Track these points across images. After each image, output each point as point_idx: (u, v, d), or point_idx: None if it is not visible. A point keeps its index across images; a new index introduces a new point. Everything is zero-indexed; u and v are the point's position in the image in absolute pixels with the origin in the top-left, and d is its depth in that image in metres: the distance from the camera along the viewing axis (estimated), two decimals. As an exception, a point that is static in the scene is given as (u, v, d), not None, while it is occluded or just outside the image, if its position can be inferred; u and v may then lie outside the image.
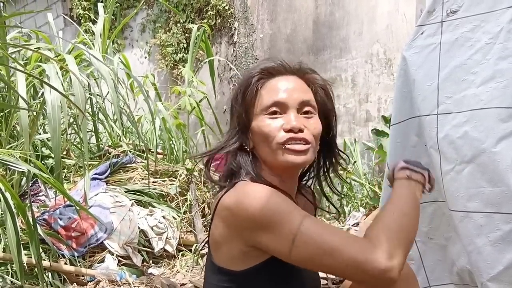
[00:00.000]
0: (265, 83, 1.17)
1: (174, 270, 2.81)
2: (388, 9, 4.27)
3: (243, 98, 1.17)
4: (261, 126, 1.13)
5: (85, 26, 5.14)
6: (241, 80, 1.22)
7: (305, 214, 1.02)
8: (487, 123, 1.35)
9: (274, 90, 1.15)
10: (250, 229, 1.04)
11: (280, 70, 1.18)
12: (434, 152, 1.47)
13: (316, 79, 1.22)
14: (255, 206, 1.01)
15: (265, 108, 1.14)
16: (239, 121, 1.18)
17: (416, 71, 1.52)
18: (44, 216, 2.82)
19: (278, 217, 1.00)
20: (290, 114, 1.13)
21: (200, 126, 4.20)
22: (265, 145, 1.14)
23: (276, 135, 1.12)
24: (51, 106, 2.36)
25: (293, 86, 1.16)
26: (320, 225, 1.02)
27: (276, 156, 1.12)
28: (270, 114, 1.14)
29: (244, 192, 1.06)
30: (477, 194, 1.37)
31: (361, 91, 4.44)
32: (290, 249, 1.00)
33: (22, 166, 2.12)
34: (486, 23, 1.40)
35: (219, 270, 1.13)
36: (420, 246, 1.66)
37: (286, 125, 1.12)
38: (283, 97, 1.14)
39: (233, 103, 1.21)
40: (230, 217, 1.07)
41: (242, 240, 1.07)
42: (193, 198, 3.23)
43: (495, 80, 1.36)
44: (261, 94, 1.16)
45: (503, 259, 1.33)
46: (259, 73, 1.17)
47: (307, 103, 1.15)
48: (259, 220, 1.01)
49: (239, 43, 5.37)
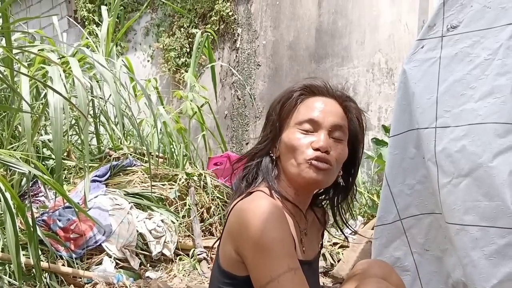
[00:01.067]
0: (305, 100, 1.21)
1: (171, 274, 2.81)
2: (391, 19, 4.30)
3: (281, 108, 1.21)
4: (292, 138, 1.17)
5: (89, 28, 5.17)
6: (283, 92, 1.25)
7: (292, 267, 1.03)
8: (485, 138, 1.37)
9: (312, 108, 1.19)
10: (242, 240, 1.06)
11: (322, 91, 1.22)
12: (432, 165, 1.49)
13: (353, 108, 1.25)
14: (256, 227, 1.03)
15: (299, 123, 1.18)
16: (272, 129, 1.22)
17: (415, 84, 1.55)
18: (43, 217, 2.83)
19: (269, 253, 1.03)
20: (321, 134, 1.16)
21: (201, 131, 4.21)
22: (291, 156, 1.17)
23: (304, 151, 1.15)
24: (53, 108, 2.37)
25: (330, 109, 1.19)
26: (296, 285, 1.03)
27: (299, 170, 1.15)
28: (302, 130, 1.17)
29: (255, 206, 1.07)
30: (473, 207, 1.39)
31: (362, 100, 4.45)
32: (260, 287, 1.04)
33: (23, 167, 2.13)
34: (486, 39, 1.43)
35: (224, 273, 1.16)
36: (416, 258, 1.67)
37: (315, 144, 1.15)
38: (319, 117, 1.17)
39: (271, 111, 1.24)
40: (234, 220, 1.10)
41: (234, 245, 1.10)
42: (192, 203, 3.24)
43: (493, 95, 1.38)
44: (298, 109, 1.19)
45: (498, 272, 1.35)
46: (301, 89, 1.21)
47: (339, 128, 1.19)
48: (252, 240, 1.04)
49: (242, 49, 5.40)
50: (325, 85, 1.22)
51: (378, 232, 1.71)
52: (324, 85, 1.22)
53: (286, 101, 1.21)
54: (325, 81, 1.24)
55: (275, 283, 1.01)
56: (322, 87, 1.22)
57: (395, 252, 1.70)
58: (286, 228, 1.07)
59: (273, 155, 1.21)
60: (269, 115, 1.25)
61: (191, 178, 3.37)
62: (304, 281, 1.06)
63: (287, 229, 1.07)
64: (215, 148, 4.61)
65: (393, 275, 1.29)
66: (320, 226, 1.36)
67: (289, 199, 1.18)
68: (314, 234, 1.33)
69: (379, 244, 1.71)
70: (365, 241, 2.69)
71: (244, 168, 1.23)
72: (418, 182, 1.61)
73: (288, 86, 1.27)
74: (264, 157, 1.21)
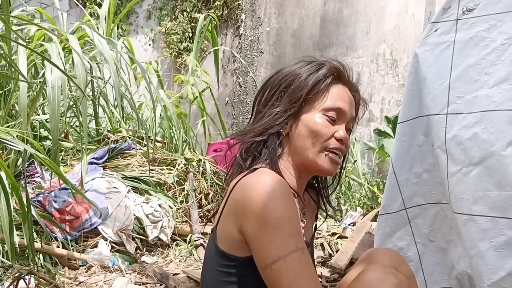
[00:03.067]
0: (335, 85, 1.18)
1: (167, 259, 2.77)
2: (397, 10, 4.23)
3: (311, 88, 1.15)
4: (317, 123, 1.13)
5: (90, 8, 5.09)
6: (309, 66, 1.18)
7: (299, 247, 1.00)
8: (498, 125, 1.32)
9: (340, 97, 1.17)
10: (247, 216, 1.01)
11: (345, 78, 1.21)
12: (441, 153, 1.44)
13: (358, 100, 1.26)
14: (263, 203, 0.98)
15: (327, 109, 1.15)
16: (295, 106, 1.14)
17: (427, 69, 1.49)
18: (38, 198, 2.78)
19: (276, 230, 0.98)
20: (343, 125, 1.16)
21: (201, 117, 4.16)
22: (310, 141, 1.13)
23: (327, 139, 1.13)
24: (51, 86, 2.32)
25: (350, 100, 1.20)
26: (304, 265, 0.99)
27: (315, 156, 1.13)
28: (329, 116, 1.14)
29: (261, 182, 1.02)
30: (483, 197, 1.34)
31: (365, 91, 4.40)
32: (265, 266, 0.99)
33: (19, 145, 2.08)
34: (503, 23, 1.37)
35: (222, 255, 1.10)
36: (420, 248, 1.63)
37: (338, 135, 1.14)
38: (345, 108, 1.17)
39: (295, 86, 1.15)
40: (238, 196, 1.04)
41: (236, 222, 1.04)
42: (191, 188, 3.19)
43: (508, 81, 1.33)
44: (329, 92, 1.16)
45: (506, 265, 1.31)
46: (333, 73, 1.18)
47: (354, 120, 1.22)
48: (258, 216, 0.99)
49: (245, 36, 5.33)
50: (347, 72, 1.21)
51: (382, 221, 1.66)
52: (347, 72, 1.21)
53: (318, 83, 1.15)
54: (346, 67, 1.22)
55: (282, 262, 0.97)
56: (346, 74, 1.21)
57: (398, 242, 1.66)
58: (293, 206, 1.02)
59: (283, 131, 1.16)
60: (294, 90, 1.15)
61: (190, 163, 3.33)
62: (310, 261, 1.03)
63: (294, 207, 1.02)
64: (215, 134, 4.56)
65: (403, 265, 1.24)
66: (315, 206, 1.33)
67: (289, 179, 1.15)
68: (310, 215, 1.30)
69: (382, 233, 1.67)
70: (364, 232, 2.65)
71: (250, 143, 1.15)
72: (426, 170, 1.56)
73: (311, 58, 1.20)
74: (271, 135, 1.15)
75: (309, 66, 1.18)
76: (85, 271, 2.51)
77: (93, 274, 2.48)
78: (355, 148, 4.14)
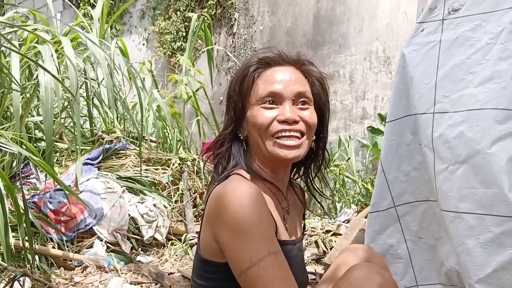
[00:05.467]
0: (262, 73, 1.16)
1: (162, 258, 2.79)
2: (390, 7, 4.25)
3: (240, 87, 1.16)
4: (255, 116, 1.13)
5: (83, 9, 5.09)
6: (239, 69, 1.21)
7: (272, 251, 1.00)
8: (484, 124, 1.34)
9: (270, 81, 1.14)
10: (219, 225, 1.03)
11: (277, 60, 1.17)
12: (428, 151, 1.46)
13: (313, 71, 1.21)
14: (233, 211, 1.00)
15: (260, 99, 1.13)
16: (235, 110, 1.17)
17: (414, 69, 1.51)
18: (34, 199, 2.79)
19: (247, 237, 0.99)
20: (285, 105, 1.13)
21: (195, 116, 4.17)
22: (257, 135, 1.14)
23: (269, 126, 1.12)
24: (44, 88, 2.33)
25: (289, 77, 1.15)
26: (278, 268, 1.00)
27: (267, 148, 1.13)
28: (265, 104, 1.13)
29: (231, 190, 1.04)
30: (469, 195, 1.36)
31: (358, 88, 4.42)
32: (241, 273, 1.01)
33: (12, 147, 2.09)
34: (488, 22, 1.39)
35: (204, 261, 1.13)
36: (410, 245, 1.65)
37: (280, 116, 1.11)
38: (279, 88, 1.13)
39: (230, 92, 1.20)
40: (211, 205, 1.07)
41: (211, 231, 1.06)
42: (185, 188, 3.21)
43: (493, 81, 1.34)
44: (257, 84, 1.15)
45: (493, 261, 1.33)
46: (256, 63, 1.17)
47: (303, 94, 1.15)
48: (229, 224, 1.00)
49: (239, 34, 5.34)
50: (279, 53, 1.18)
51: (372, 219, 1.68)
52: (278, 54, 1.18)
53: (244, 79, 1.16)
54: (279, 49, 1.19)
55: (256, 268, 0.98)
56: (277, 56, 1.17)
57: (388, 239, 1.68)
58: (264, 211, 1.03)
59: (241, 135, 1.18)
60: (230, 97, 1.20)
61: (184, 163, 3.35)
62: (285, 264, 1.03)
63: (265, 212, 1.03)
64: (210, 133, 4.58)
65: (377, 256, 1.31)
66: (301, 206, 1.34)
67: (267, 178, 1.16)
68: (297, 214, 1.31)
69: (372, 231, 1.69)
70: (358, 229, 2.67)
71: (215, 156, 1.20)
72: (414, 168, 1.58)
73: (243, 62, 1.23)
74: (234, 141, 1.18)
75: (239, 69, 1.20)
76: (80, 272, 2.52)
77: (89, 274, 2.50)
78: (349, 146, 4.16)
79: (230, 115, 1.19)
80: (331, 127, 4.58)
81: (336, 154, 4.15)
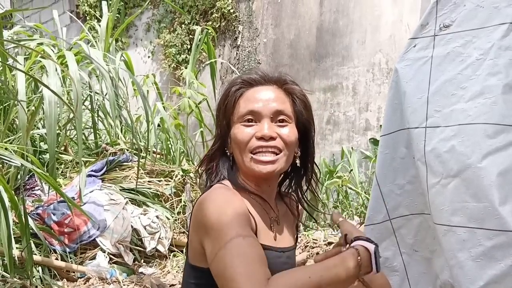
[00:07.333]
0: (244, 93, 1.22)
1: (165, 270, 2.82)
2: (392, 19, 4.28)
3: (224, 106, 1.23)
4: (236, 133, 1.19)
5: (89, 23, 5.17)
6: (224, 89, 1.27)
7: (239, 234, 1.00)
8: (474, 138, 1.35)
9: (251, 100, 1.20)
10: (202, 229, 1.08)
11: (259, 80, 1.23)
12: (421, 165, 1.47)
13: (295, 89, 1.25)
14: (209, 210, 1.06)
15: (241, 117, 1.19)
16: (221, 128, 1.24)
17: (407, 84, 1.53)
18: (38, 211, 2.84)
19: (219, 226, 1.02)
20: (264, 123, 1.17)
21: (199, 128, 4.21)
22: (237, 152, 1.20)
23: (248, 142, 1.17)
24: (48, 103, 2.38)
25: (269, 96, 1.20)
26: (242, 250, 0.98)
27: (245, 164, 1.18)
28: (245, 122, 1.19)
29: (210, 194, 1.11)
30: (461, 208, 1.37)
31: (361, 100, 4.44)
32: (212, 260, 1.02)
33: (16, 160, 2.14)
34: (478, 38, 1.41)
35: (192, 267, 1.17)
36: (405, 258, 1.66)
37: (258, 133, 1.17)
38: (258, 106, 1.18)
39: (217, 111, 1.27)
40: (194, 212, 1.13)
41: (197, 236, 1.11)
42: (188, 199, 3.24)
43: (483, 96, 1.36)
44: (239, 103, 1.21)
45: (484, 274, 1.33)
46: (239, 83, 1.23)
47: (281, 112, 1.19)
48: (207, 223, 1.05)
49: (243, 47, 5.39)
50: (262, 74, 1.23)
51: (368, 232, 1.68)
52: (261, 75, 1.23)
53: (227, 99, 1.22)
54: (262, 70, 1.25)
55: (223, 251, 0.98)
56: (259, 77, 1.23)
57: (384, 252, 1.68)
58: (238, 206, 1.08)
59: (228, 152, 1.24)
60: (217, 115, 1.27)
61: (187, 174, 3.38)
62: (254, 246, 1.01)
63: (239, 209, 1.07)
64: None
65: None
66: (294, 218, 1.37)
67: (252, 191, 1.20)
68: (289, 225, 1.33)
69: (368, 244, 1.70)
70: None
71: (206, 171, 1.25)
72: (408, 182, 1.59)
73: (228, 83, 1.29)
74: (221, 157, 1.25)
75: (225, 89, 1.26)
76: (83, 283, 2.55)
77: (91, 286, 2.52)
78: (352, 157, 4.17)
79: (217, 132, 1.26)
80: (335, 138, 4.60)
81: (339, 166, 4.16)
